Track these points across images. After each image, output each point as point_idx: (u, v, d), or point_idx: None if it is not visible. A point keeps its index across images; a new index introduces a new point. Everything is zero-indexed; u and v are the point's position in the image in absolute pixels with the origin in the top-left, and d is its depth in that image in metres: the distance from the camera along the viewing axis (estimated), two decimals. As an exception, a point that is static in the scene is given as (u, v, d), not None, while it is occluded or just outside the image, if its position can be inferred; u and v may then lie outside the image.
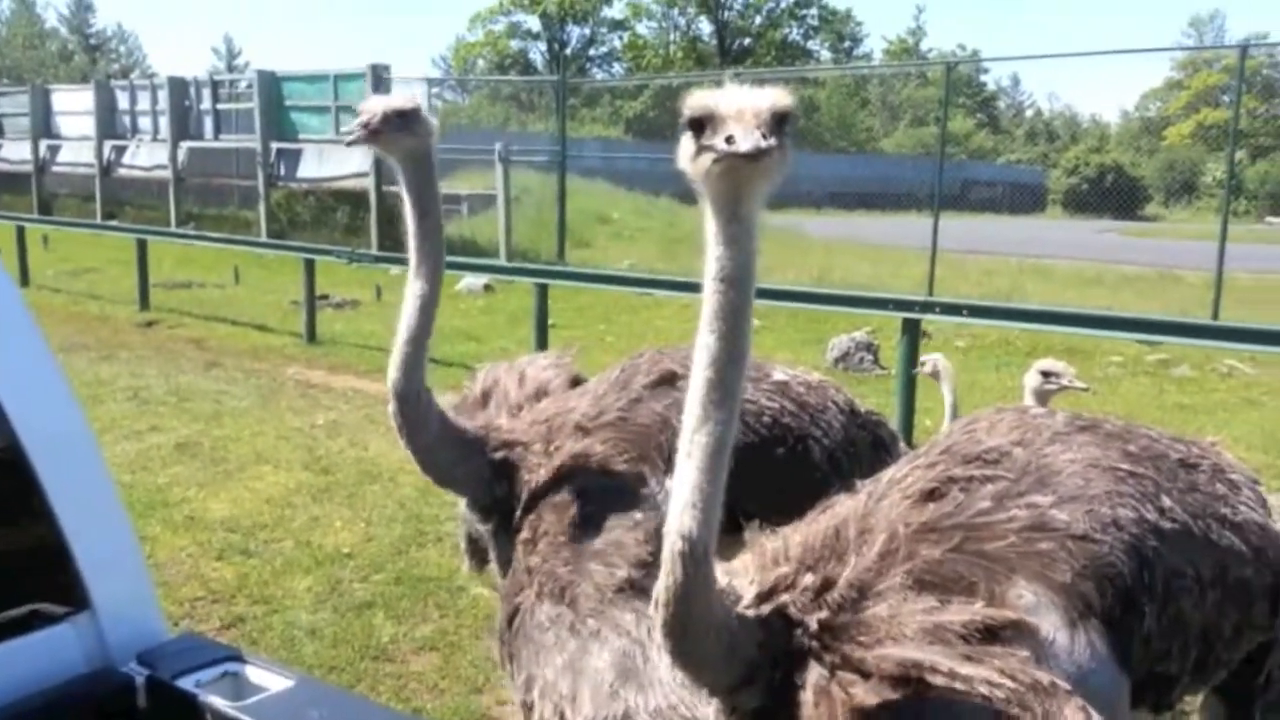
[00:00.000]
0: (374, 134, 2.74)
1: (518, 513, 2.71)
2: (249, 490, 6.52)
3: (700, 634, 1.69)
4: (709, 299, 1.74)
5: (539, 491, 2.68)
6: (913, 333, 7.75)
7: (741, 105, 1.64)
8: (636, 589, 2.36)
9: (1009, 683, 1.62)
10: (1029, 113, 68.22)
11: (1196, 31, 61.07)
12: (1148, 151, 47.70)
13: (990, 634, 1.70)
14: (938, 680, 1.64)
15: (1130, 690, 1.90)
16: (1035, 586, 1.78)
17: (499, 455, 2.84)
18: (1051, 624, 1.76)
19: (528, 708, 2.31)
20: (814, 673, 1.72)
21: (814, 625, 1.75)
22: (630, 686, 2.15)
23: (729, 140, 1.59)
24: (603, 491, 2.60)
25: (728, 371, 1.72)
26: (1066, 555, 1.82)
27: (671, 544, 1.67)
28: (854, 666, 1.70)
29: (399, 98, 2.85)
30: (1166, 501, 1.99)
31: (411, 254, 2.83)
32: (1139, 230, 30.36)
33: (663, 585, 1.68)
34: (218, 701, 1.56)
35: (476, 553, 3.15)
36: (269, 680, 1.62)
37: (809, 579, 1.79)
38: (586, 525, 2.53)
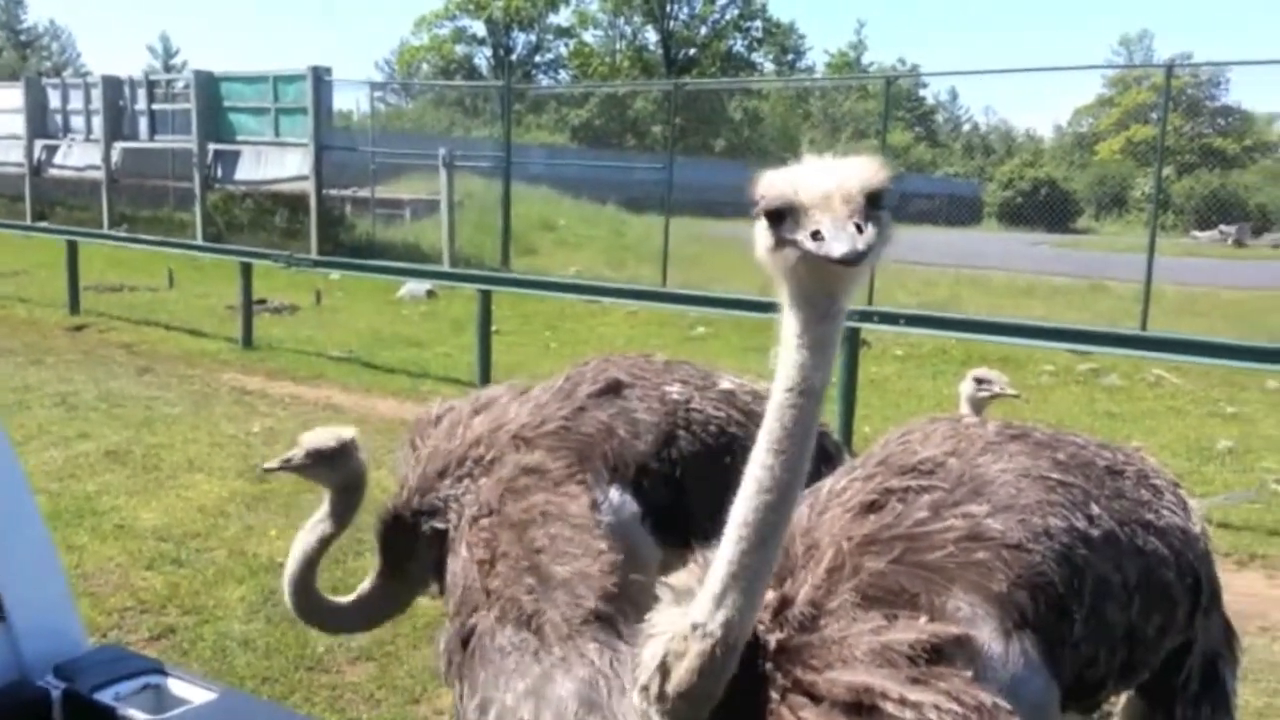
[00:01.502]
0: (298, 468, 2.98)
1: (464, 527, 2.67)
2: (181, 499, 6.38)
3: (707, 697, 1.68)
4: (779, 412, 1.59)
5: (489, 506, 2.64)
6: (852, 341, 7.86)
7: (828, 189, 1.46)
8: (601, 620, 2.36)
9: (956, 707, 1.64)
10: (966, 127, 69.61)
11: (1126, 50, 62.86)
12: (1080, 166, 48.92)
13: (936, 652, 1.72)
14: (888, 706, 1.64)
15: (1060, 695, 1.94)
16: (972, 597, 1.81)
17: (423, 496, 2.84)
18: (988, 634, 1.79)
19: None
20: (766, 695, 1.72)
21: (771, 645, 1.74)
22: (594, 716, 2.12)
23: (816, 236, 1.42)
24: (561, 514, 2.58)
25: (787, 497, 1.61)
26: (1002, 565, 1.85)
27: (712, 641, 1.62)
28: (804, 690, 1.69)
29: (323, 437, 3.00)
30: (1095, 509, 2.03)
31: (319, 514, 3.02)
32: (1071, 242, 31.10)
33: (682, 672, 1.64)
34: (137, 715, 1.52)
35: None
36: (191, 693, 1.59)
37: (768, 597, 1.78)
38: (549, 552, 2.50)
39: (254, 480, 6.78)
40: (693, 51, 56.91)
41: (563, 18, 57.82)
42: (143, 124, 22.46)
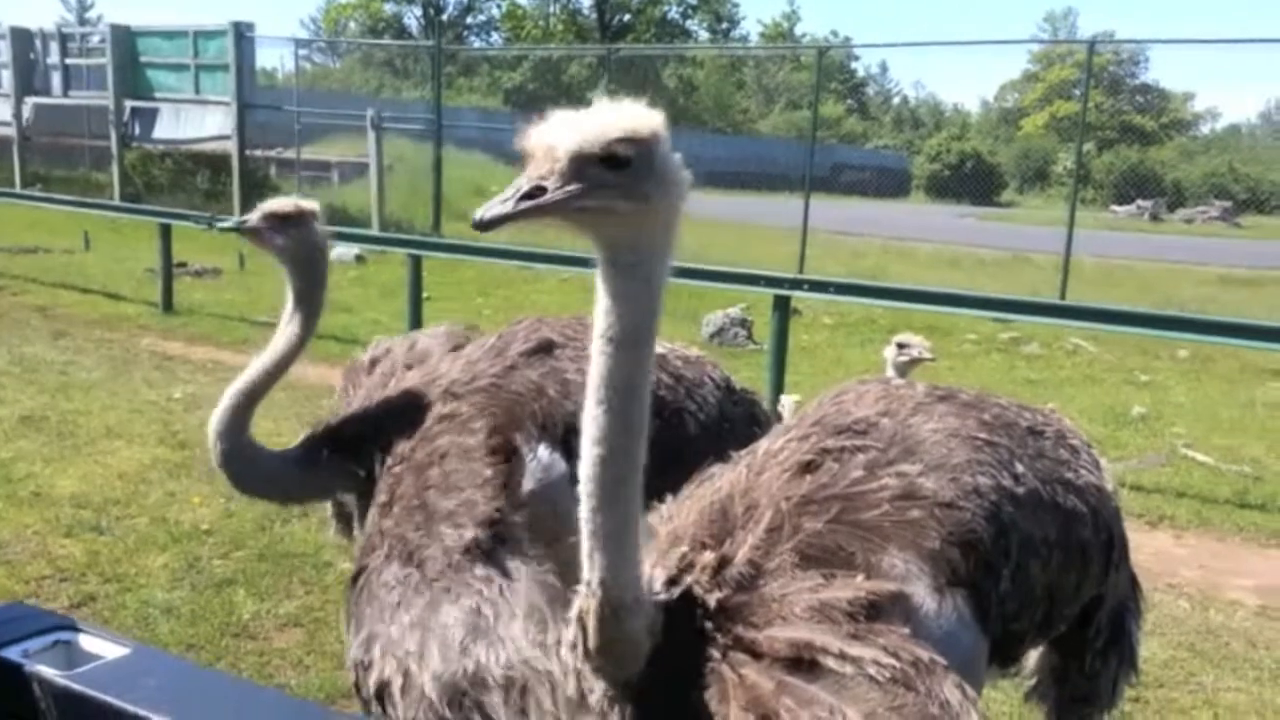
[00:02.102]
0: (252, 232, 2.85)
1: (379, 475, 2.66)
2: (100, 465, 6.21)
3: (631, 645, 1.69)
4: (595, 361, 1.59)
5: (402, 454, 2.63)
6: (783, 309, 7.96)
7: (539, 145, 1.50)
8: (484, 549, 2.35)
9: (894, 662, 1.67)
10: (896, 100, 70.46)
11: (1051, 27, 64.15)
12: (1005, 140, 49.96)
13: (873, 609, 1.75)
14: (829, 661, 1.67)
15: (987, 649, 2.00)
16: (907, 555, 1.85)
17: (347, 437, 2.80)
18: (922, 591, 1.83)
19: (364, 667, 2.22)
20: (707, 653, 1.74)
21: (712, 605, 1.76)
22: (481, 643, 2.12)
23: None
24: (462, 452, 2.56)
25: (621, 450, 1.60)
26: (935, 523, 1.90)
27: (600, 599, 1.63)
28: (746, 647, 1.71)
29: (283, 201, 2.90)
30: (1019, 468, 2.09)
31: (285, 316, 2.88)
32: (995, 215, 31.84)
33: (590, 633, 1.65)
34: (46, 671, 1.49)
35: (342, 516, 3.10)
36: (103, 648, 1.56)
37: (706, 557, 1.80)
38: (439, 487, 2.49)
39: (175, 447, 6.63)
40: (627, 17, 56.43)
41: (495, -22, 56.86)
42: (56, 79, 21.57)
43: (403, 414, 2.74)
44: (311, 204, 2.93)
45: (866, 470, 1.97)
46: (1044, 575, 2.11)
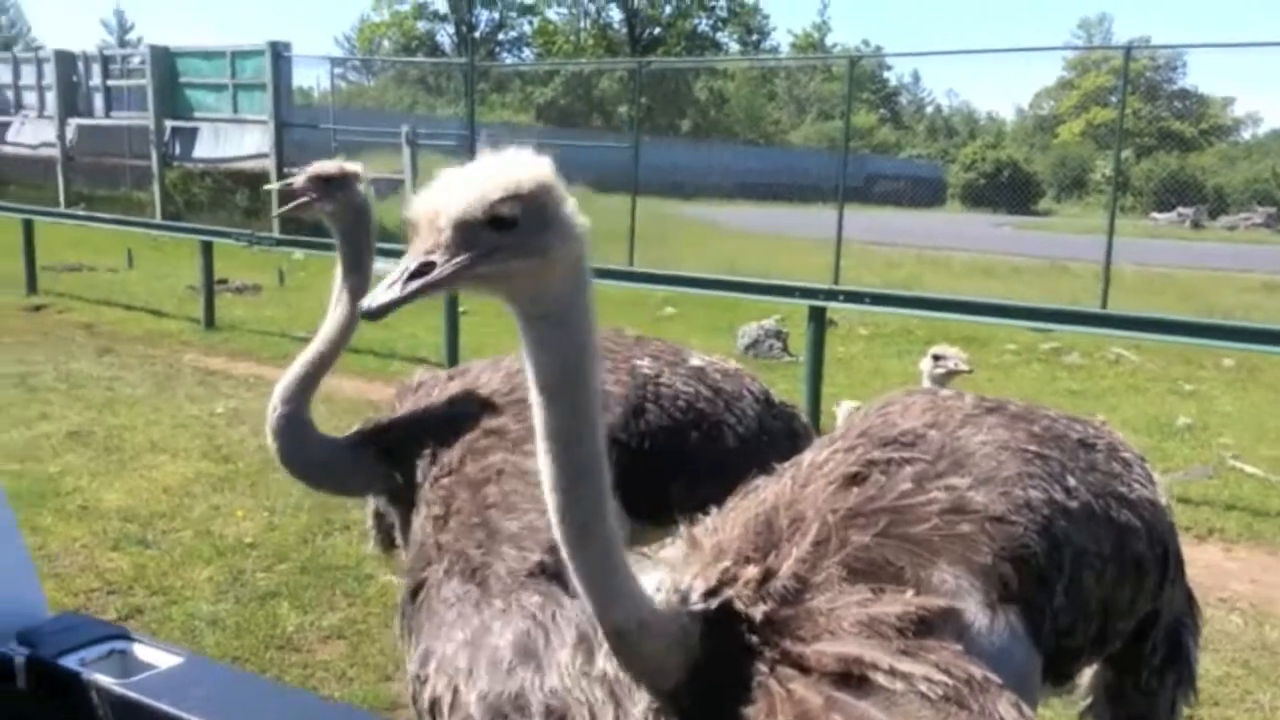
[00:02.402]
0: (299, 192, 2.91)
1: (425, 487, 2.68)
2: (145, 479, 6.30)
3: (656, 662, 1.69)
4: (534, 411, 1.55)
5: (450, 466, 2.65)
6: (819, 320, 7.92)
7: (422, 213, 1.44)
8: (548, 573, 2.35)
9: (946, 679, 1.63)
10: (929, 109, 70.10)
11: (1086, 33, 63.52)
12: (1041, 148, 49.49)
13: (924, 624, 1.71)
14: (878, 677, 1.64)
15: (1040, 666, 1.96)
16: (957, 570, 1.81)
17: (387, 442, 2.83)
18: (973, 607, 1.79)
19: (420, 681, 2.26)
20: (754, 668, 1.71)
21: (757, 618, 1.73)
22: (528, 666, 2.13)
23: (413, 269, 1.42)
24: (520, 473, 2.57)
25: (578, 491, 1.57)
26: (986, 538, 1.86)
27: (604, 629, 1.64)
28: (793, 662, 1.68)
29: (327, 164, 2.94)
30: (1071, 481, 2.05)
31: (335, 289, 2.91)
32: (1033, 224, 31.49)
33: (610, 648, 1.66)
34: (102, 679, 1.52)
35: (383, 530, 3.12)
36: (156, 658, 1.59)
37: (751, 571, 1.78)
38: (501, 507, 2.50)
39: (219, 461, 6.71)
40: (657, 31, 56.67)
41: (526, -6, 57.36)
42: (98, 100, 22.03)
43: (446, 423, 2.76)
44: (356, 166, 2.97)
45: (915, 483, 1.94)
46: (1098, 590, 2.07)
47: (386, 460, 2.82)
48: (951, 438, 2.06)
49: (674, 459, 3.06)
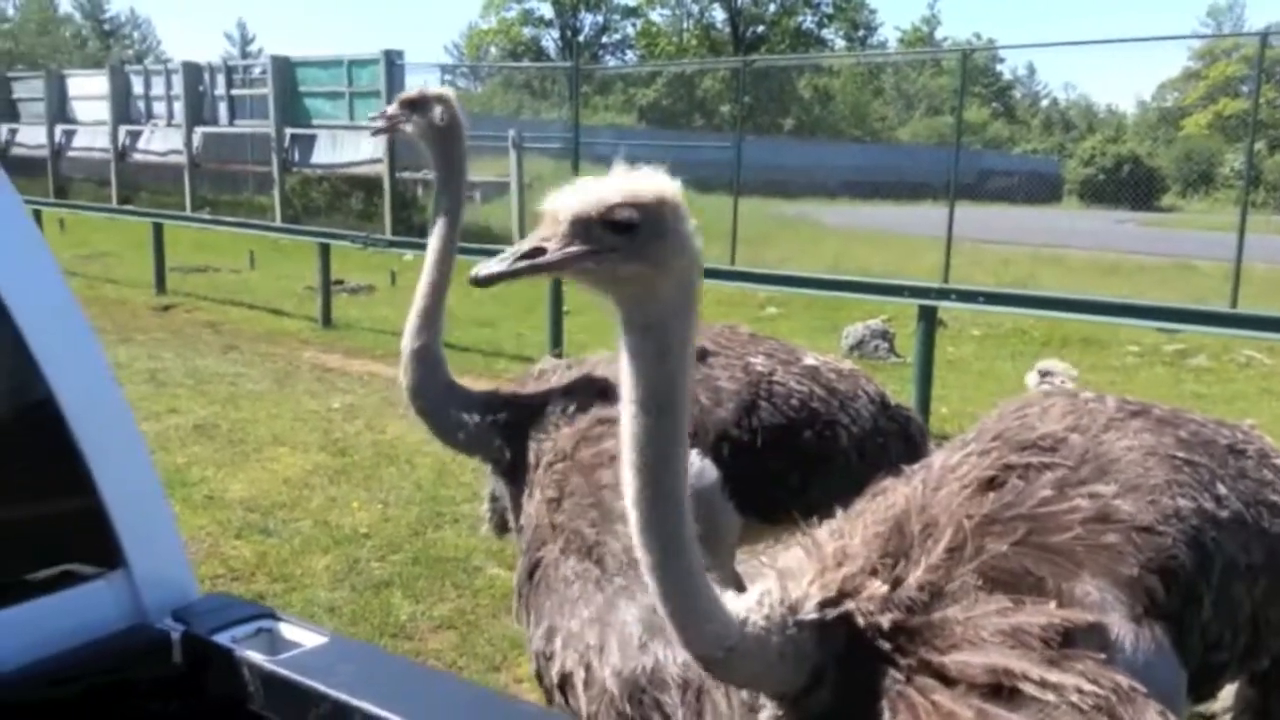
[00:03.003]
0: (392, 117, 3.16)
1: (538, 471, 2.73)
2: (267, 471, 6.56)
3: (757, 677, 1.68)
4: (624, 425, 1.56)
5: (563, 452, 2.70)
6: (929, 320, 7.72)
7: (548, 209, 1.53)
8: None
9: (1096, 689, 1.59)
10: (1045, 103, 67.82)
11: (1215, 21, 60.50)
12: (1165, 142, 47.34)
13: (1068, 636, 1.67)
14: (1029, 689, 1.59)
15: (1187, 681, 1.89)
16: (1101, 582, 1.76)
17: (506, 416, 2.90)
18: (1118, 621, 1.74)
19: (546, 658, 2.32)
20: (888, 677, 1.68)
21: (886, 626, 1.70)
22: (659, 641, 2.16)
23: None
24: None
25: (660, 512, 1.57)
26: (1133, 549, 1.79)
27: (691, 657, 1.64)
28: (934, 672, 1.65)
29: (411, 90, 3.21)
30: (1221, 489, 1.97)
31: (432, 214, 3.14)
32: (1156, 221, 30.16)
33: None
34: (254, 656, 1.58)
35: (496, 513, 3.18)
36: (303, 637, 1.65)
37: (876, 580, 1.75)
38: (613, 488, 2.53)
39: (335, 454, 6.94)
40: (761, 29, 56.31)
41: (630, -3, 57.72)
42: (222, 109, 23.01)
43: (562, 409, 2.83)
44: (441, 90, 3.20)
45: (1056, 489, 1.86)
46: (1248, 604, 1.97)
47: (501, 432, 2.91)
48: (1094, 442, 1.97)
49: (786, 457, 3.03)
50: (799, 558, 1.85)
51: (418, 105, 3.13)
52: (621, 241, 1.48)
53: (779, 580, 1.78)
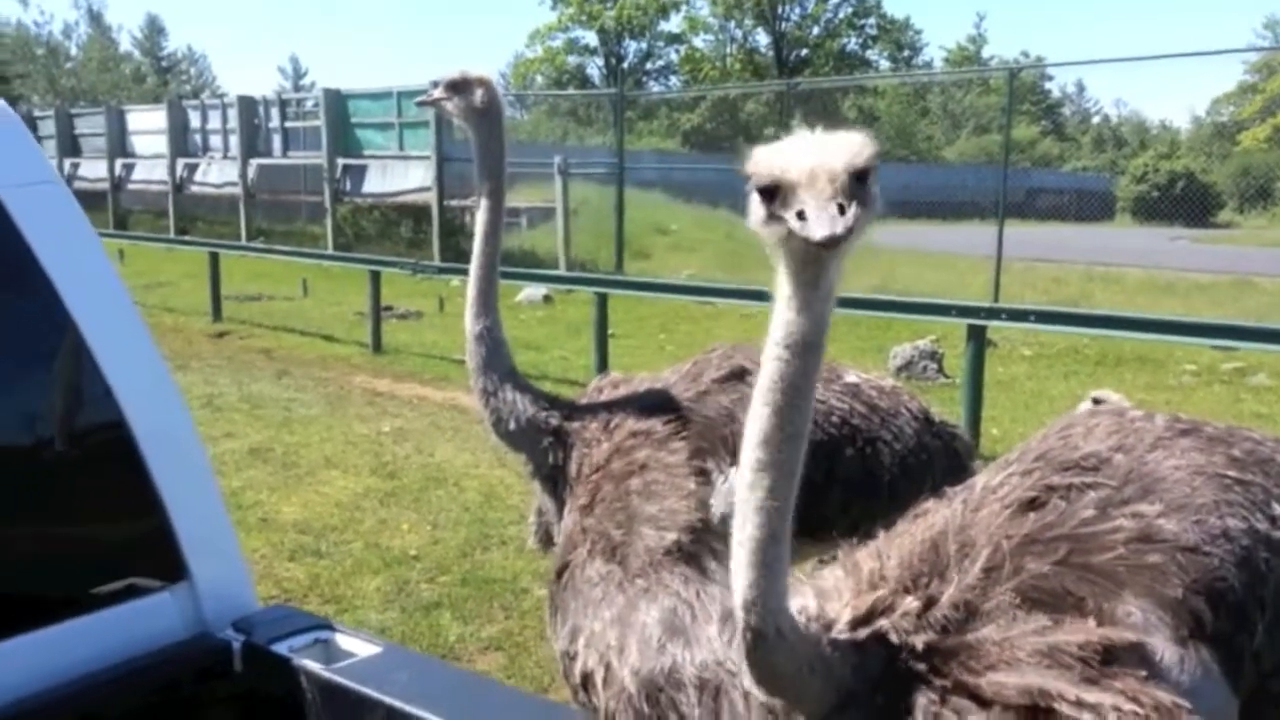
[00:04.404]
0: (435, 101, 3.28)
1: (575, 484, 2.80)
2: (319, 494, 6.66)
3: (789, 681, 1.66)
4: (768, 366, 1.60)
5: (598, 464, 2.77)
6: (979, 340, 7.65)
7: (814, 166, 1.47)
8: (685, 553, 2.46)
9: (1135, 708, 1.56)
10: (1095, 119, 66.94)
11: (1271, 33, 59.34)
12: (1220, 157, 46.43)
13: (1108, 655, 1.64)
14: (1064, 709, 1.57)
15: (1238, 709, 1.82)
16: (1144, 603, 1.72)
17: (559, 423, 2.98)
18: (1160, 642, 1.70)
19: (570, 658, 2.37)
20: (922, 697, 1.66)
21: (919, 647, 1.69)
22: (677, 642, 2.20)
23: (801, 215, 1.44)
24: (660, 465, 2.69)
25: (783, 451, 1.59)
26: (1177, 569, 1.75)
27: (742, 624, 1.63)
28: (969, 692, 1.63)
29: (452, 71, 3.30)
30: (1276, 509, 1.91)
31: (475, 200, 3.25)
32: (1212, 238, 29.53)
33: (741, 652, 1.65)
34: (311, 665, 1.63)
35: (542, 527, 3.22)
36: (358, 647, 1.70)
37: (910, 600, 1.74)
38: (642, 494, 2.62)
39: (386, 477, 7.03)
40: (805, 52, 56.36)
41: (673, 24, 58.14)
42: (276, 141, 23.58)
43: (605, 424, 2.88)
44: (481, 73, 3.28)
45: (1098, 510, 1.83)
46: None
47: (552, 434, 2.98)
48: (1139, 462, 1.93)
49: (827, 475, 3.02)
50: (837, 577, 1.85)
51: (460, 87, 3.24)
52: (861, 191, 1.50)
53: (816, 599, 1.78)
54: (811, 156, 1.49)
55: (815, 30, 57.01)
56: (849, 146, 1.51)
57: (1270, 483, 1.96)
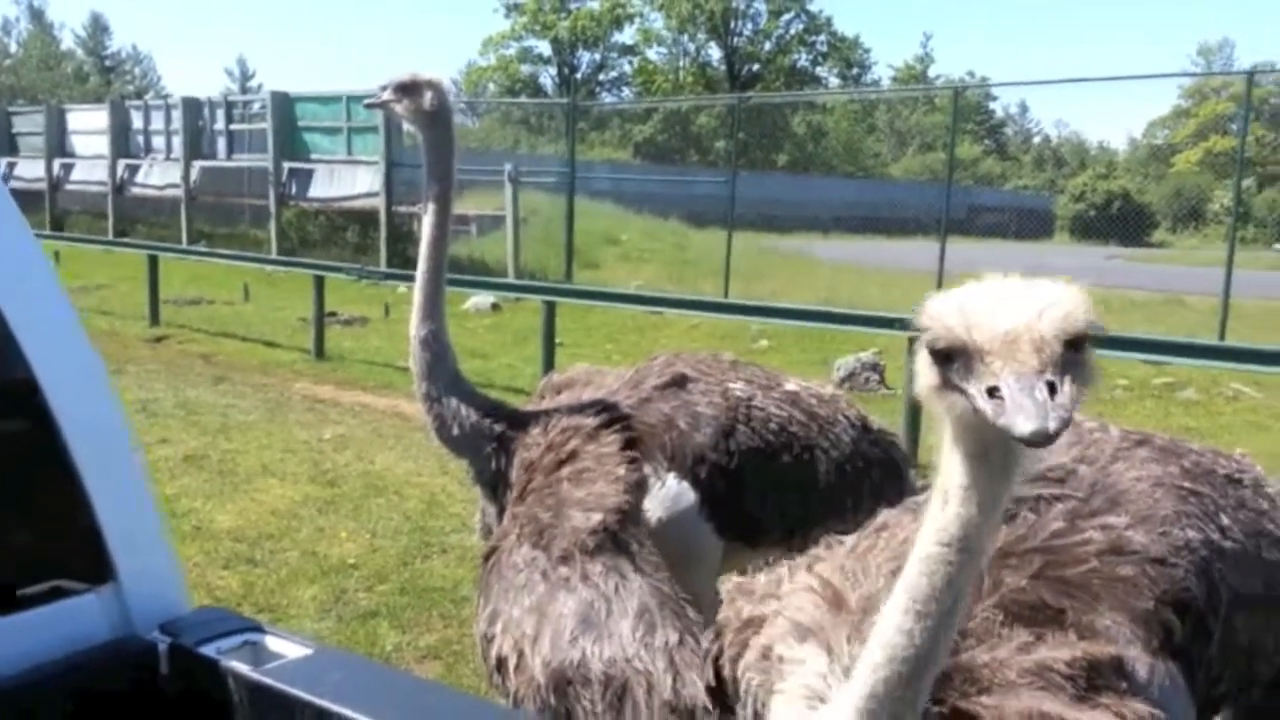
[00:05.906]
0: (384, 103, 3.28)
1: (513, 483, 2.83)
2: (255, 502, 6.56)
3: None
4: (928, 566, 1.36)
5: (532, 460, 2.82)
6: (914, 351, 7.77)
7: (1013, 331, 1.18)
8: (610, 534, 2.52)
9: None
10: (1037, 139, 68.52)
11: (1205, 60, 61.27)
12: (1155, 178, 47.80)
13: (1093, 670, 1.64)
14: None
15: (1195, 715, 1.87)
16: (1119, 615, 1.73)
17: (502, 429, 2.99)
18: (1134, 655, 1.72)
19: (487, 640, 2.43)
20: None
21: None
22: (589, 636, 2.25)
23: (994, 394, 1.16)
24: (590, 455, 2.76)
25: (920, 670, 1.41)
26: (1148, 582, 1.77)
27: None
28: (965, 718, 1.62)
29: (404, 74, 3.30)
30: (1224, 520, 1.95)
31: (423, 204, 3.25)
32: (1146, 256, 30.34)
33: None
34: (239, 667, 1.61)
35: (486, 528, 3.24)
36: (288, 649, 1.69)
37: None
38: (571, 480, 2.69)
39: (325, 485, 6.95)
40: (756, 67, 56.91)
41: (627, 36, 58.37)
42: (221, 144, 23.20)
43: (543, 429, 2.91)
44: (432, 75, 3.29)
45: (1067, 521, 1.84)
46: (1246, 634, 1.96)
47: (495, 440, 3.01)
48: (1103, 473, 1.95)
49: (764, 481, 3.07)
50: (811, 605, 1.77)
51: (409, 89, 3.25)
52: (1075, 364, 1.23)
53: (817, 649, 1.69)
54: (1010, 315, 1.20)
55: (767, 46, 57.61)
56: (1060, 303, 1.23)
57: (1216, 494, 2.01)
